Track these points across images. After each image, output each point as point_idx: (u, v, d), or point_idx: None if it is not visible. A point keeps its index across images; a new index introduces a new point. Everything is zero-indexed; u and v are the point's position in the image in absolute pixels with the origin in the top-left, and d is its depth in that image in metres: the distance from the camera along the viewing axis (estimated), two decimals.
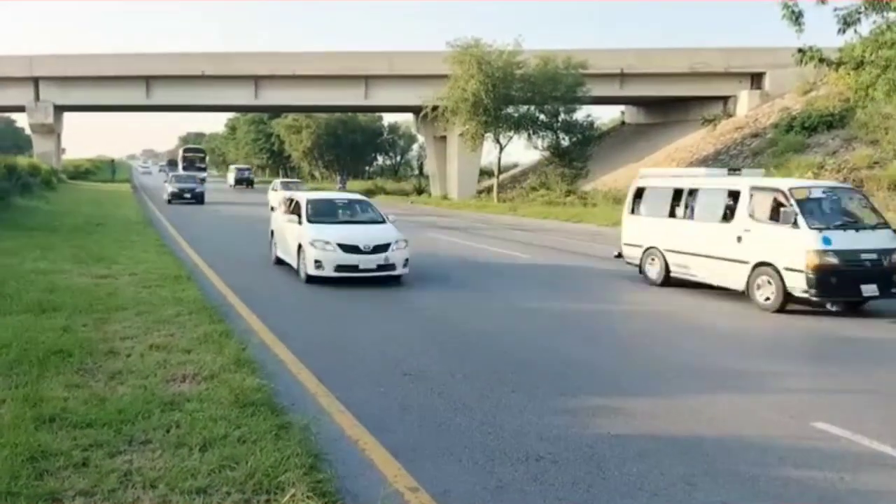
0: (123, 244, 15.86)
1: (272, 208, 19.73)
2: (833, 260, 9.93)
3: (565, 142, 39.67)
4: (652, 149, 40.38)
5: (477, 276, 13.79)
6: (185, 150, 70.89)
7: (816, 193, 10.97)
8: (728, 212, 11.34)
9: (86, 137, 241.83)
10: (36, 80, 44.58)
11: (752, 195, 10.99)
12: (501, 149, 40.31)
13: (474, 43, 36.52)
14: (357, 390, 6.25)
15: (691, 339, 8.81)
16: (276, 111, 64.82)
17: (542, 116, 38.45)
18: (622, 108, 50.69)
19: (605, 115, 52.99)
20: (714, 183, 12.11)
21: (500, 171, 42.94)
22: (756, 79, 39.69)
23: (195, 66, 43.15)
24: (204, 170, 63.76)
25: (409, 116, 56.08)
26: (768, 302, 10.44)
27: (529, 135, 39.38)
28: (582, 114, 39.93)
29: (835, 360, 7.94)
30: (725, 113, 39.45)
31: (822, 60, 15.60)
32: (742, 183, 11.38)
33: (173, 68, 43.38)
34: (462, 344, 8.24)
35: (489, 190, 43.23)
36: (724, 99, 40.17)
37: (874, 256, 10.19)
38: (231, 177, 62.42)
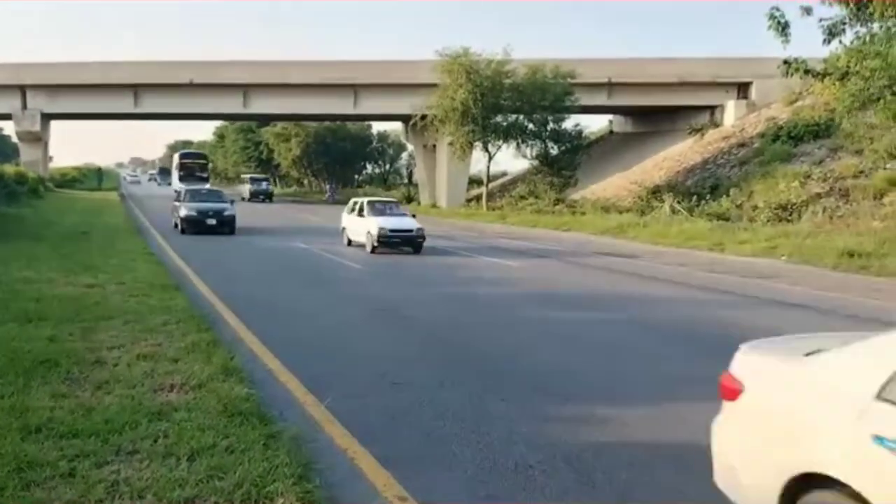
0: (111, 253, 15.78)
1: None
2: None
3: (554, 151, 39.84)
4: (640, 158, 40.61)
5: (465, 285, 13.80)
6: (183, 156, 56.34)
7: None
8: None
9: (72, 145, 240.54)
10: (23, 88, 44.38)
11: None
12: (490, 157, 40.46)
13: (463, 52, 36.66)
14: (346, 400, 6.23)
15: (677, 346, 8.84)
16: (265, 119, 64.70)
17: (530, 125, 38.59)
18: (610, 117, 50.95)
19: (594, 125, 53.32)
20: None
21: (489, 180, 43.04)
22: (743, 89, 40.02)
23: (183, 75, 43.08)
24: (206, 180, 50.01)
25: (399, 125, 56.11)
26: None
27: (518, 143, 39.54)
28: (570, 123, 40.17)
29: None
30: (712, 122, 39.75)
31: (807, 72, 15.79)
32: None
33: (161, 76, 43.29)
34: (451, 353, 8.24)
35: (478, 198, 43.32)
36: (712, 108, 40.47)
37: None
38: (246, 189, 53.79)
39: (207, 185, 38.16)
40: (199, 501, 4.07)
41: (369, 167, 79.96)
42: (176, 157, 58.93)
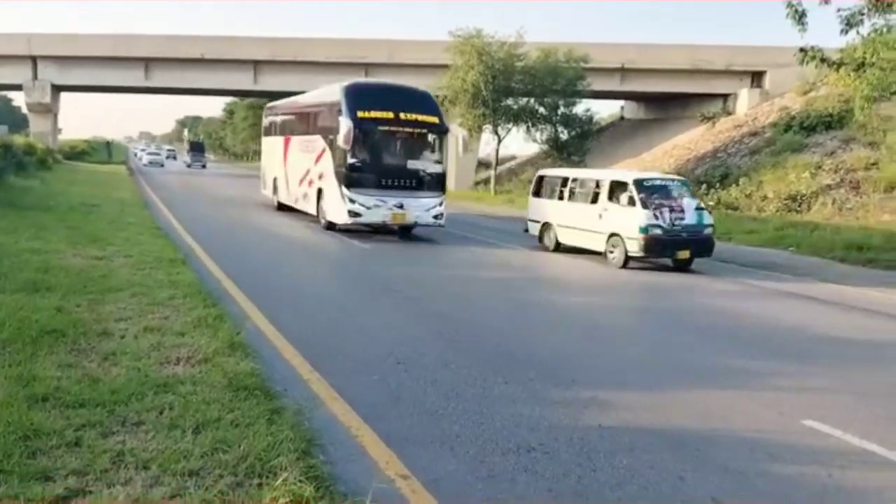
0: (119, 226, 15.82)
1: None
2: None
3: (564, 135, 39.56)
4: (649, 145, 40.38)
5: (472, 269, 13.80)
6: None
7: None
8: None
9: (81, 118, 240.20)
10: (34, 59, 44.29)
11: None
12: (500, 141, 40.26)
13: (476, 33, 36.34)
14: (350, 377, 6.26)
15: (684, 334, 8.85)
16: (276, 97, 64.61)
17: (541, 109, 38.34)
18: (622, 102, 50.61)
19: (604, 110, 52.98)
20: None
21: (497, 163, 42.90)
22: (757, 77, 39.65)
23: (195, 49, 42.93)
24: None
25: None
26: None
27: (528, 127, 39.28)
28: (581, 108, 39.87)
29: (827, 360, 7.98)
30: (725, 111, 39.41)
31: (823, 60, 15.61)
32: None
33: (173, 50, 43.14)
34: (457, 334, 8.25)
35: (486, 181, 43.19)
36: (724, 97, 40.12)
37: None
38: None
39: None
40: (203, 473, 4.11)
41: None
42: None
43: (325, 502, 3.79)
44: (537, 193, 17.17)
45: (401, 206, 16.70)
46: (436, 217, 17.35)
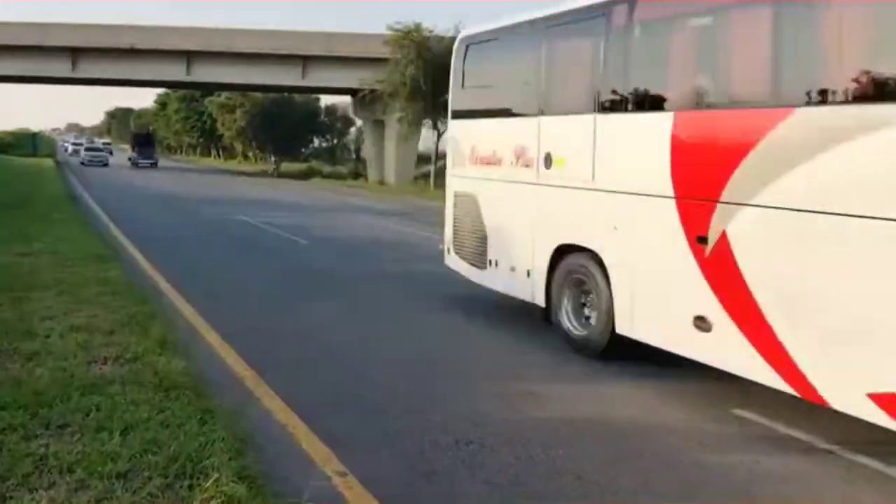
0: (46, 221, 15.24)
1: None
2: None
3: None
4: None
5: (413, 263, 13.77)
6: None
7: None
8: None
9: (4, 108, 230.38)
10: None
11: None
12: (439, 135, 40.28)
13: (415, 27, 36.30)
14: (288, 375, 6.17)
15: None
16: (209, 89, 63.09)
17: None
18: None
19: None
20: None
21: (437, 158, 42.92)
22: None
23: (124, 39, 41.66)
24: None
25: (348, 99, 55.36)
26: None
27: None
28: None
29: None
30: None
31: None
32: None
33: (101, 40, 41.75)
34: (396, 329, 8.22)
35: (426, 176, 43.20)
36: None
37: None
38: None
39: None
40: (131, 476, 3.98)
41: (316, 141, 78.85)
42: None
43: (258, 502, 3.71)
44: None
45: None
46: None
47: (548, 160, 7.37)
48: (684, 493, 4.37)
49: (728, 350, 5.54)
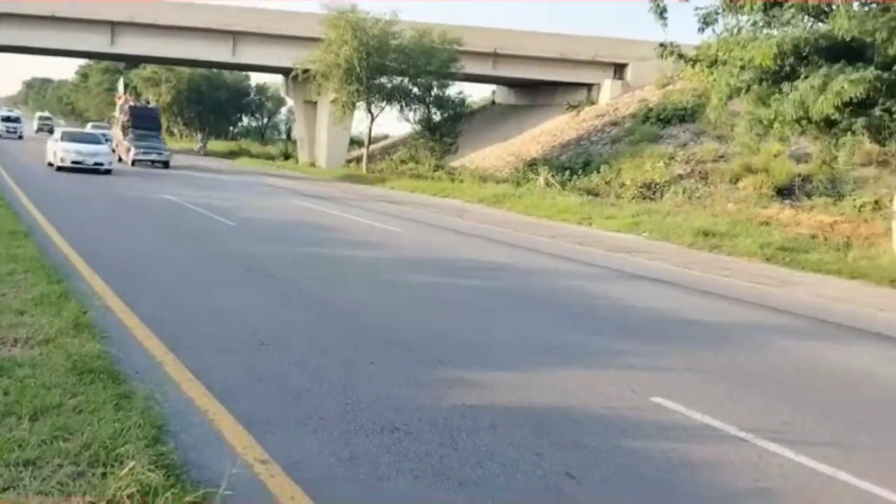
0: None
1: None
2: None
3: (437, 117, 39.83)
4: (519, 130, 41.34)
5: (342, 248, 13.63)
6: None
7: None
8: None
9: None
10: None
11: None
12: (373, 119, 39.95)
13: (350, 8, 35.81)
14: (209, 359, 6.01)
15: (543, 314, 9.13)
16: (134, 61, 60.64)
17: (415, 89, 38.36)
18: (494, 87, 51.46)
19: (477, 94, 53.59)
20: None
21: (370, 142, 42.56)
22: (619, 69, 41.37)
23: (44, 6, 39.55)
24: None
25: (279, 78, 54.19)
26: None
27: (402, 107, 39.23)
28: (454, 90, 40.24)
29: (675, 340, 8.46)
30: (589, 100, 40.94)
31: (680, 56, 16.55)
32: None
33: (19, 6, 39.46)
34: (324, 314, 8.12)
35: (358, 160, 42.78)
36: (589, 86, 41.64)
37: None
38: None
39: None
40: (40, 463, 3.80)
41: (246, 120, 77.12)
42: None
43: (175, 491, 3.60)
44: None
45: None
46: None
47: None
48: (606, 480, 4.46)
49: None
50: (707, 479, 4.61)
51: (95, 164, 25.41)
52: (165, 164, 33.23)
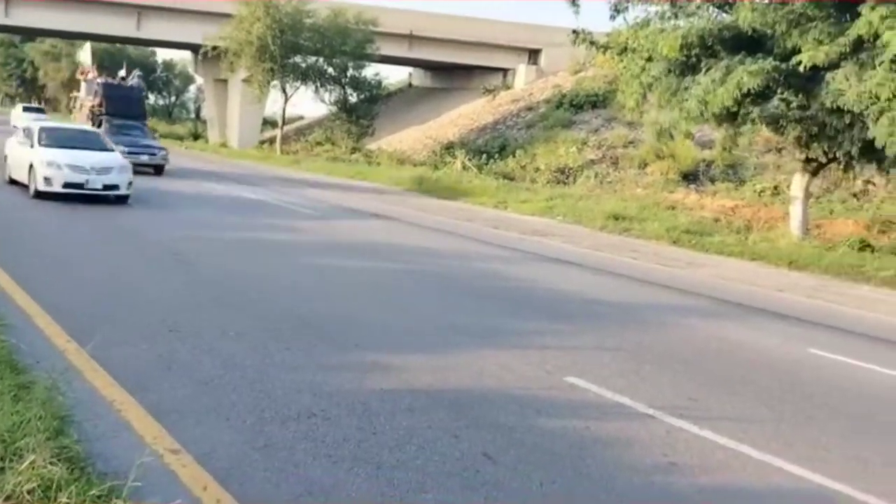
0: None
1: None
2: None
3: (353, 98, 39.38)
4: (437, 113, 41.35)
5: (256, 230, 13.34)
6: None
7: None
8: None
9: None
10: None
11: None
12: (287, 99, 39.15)
13: None
14: (115, 347, 5.77)
15: (459, 296, 9.21)
16: (31, 34, 57.44)
17: (330, 70, 37.79)
18: (410, 70, 51.22)
19: (394, 76, 53.22)
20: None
21: (284, 123, 41.70)
22: (534, 55, 41.93)
23: None
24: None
25: (188, 54, 52.33)
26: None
27: (317, 87, 38.60)
28: (371, 71, 39.86)
29: (585, 319, 8.69)
30: (505, 85, 41.33)
31: (592, 43, 16.89)
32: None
33: None
34: (237, 300, 7.93)
35: (272, 141, 41.90)
36: (505, 71, 42.03)
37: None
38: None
39: None
40: None
41: (152, 98, 74.18)
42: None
43: (79, 484, 3.44)
44: None
45: None
46: None
47: None
48: (521, 459, 4.54)
49: None
50: (618, 455, 4.77)
51: (106, 186, 14.38)
52: (158, 170, 22.46)
